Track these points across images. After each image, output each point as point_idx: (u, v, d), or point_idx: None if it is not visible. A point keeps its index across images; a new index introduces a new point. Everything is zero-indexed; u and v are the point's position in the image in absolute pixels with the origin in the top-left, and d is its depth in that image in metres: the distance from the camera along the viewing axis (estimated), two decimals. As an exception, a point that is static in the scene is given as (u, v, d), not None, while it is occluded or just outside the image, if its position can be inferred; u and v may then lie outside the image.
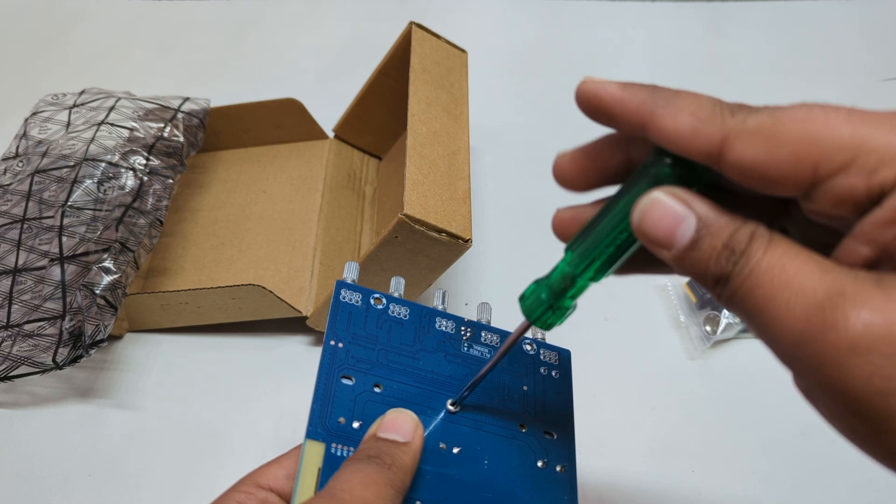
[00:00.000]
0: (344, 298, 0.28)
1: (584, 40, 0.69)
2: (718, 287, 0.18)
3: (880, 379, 0.15)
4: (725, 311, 0.46)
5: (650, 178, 0.19)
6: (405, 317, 0.28)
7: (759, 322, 0.17)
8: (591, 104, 0.20)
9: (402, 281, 0.29)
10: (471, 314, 0.31)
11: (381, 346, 0.27)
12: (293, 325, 0.46)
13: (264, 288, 0.42)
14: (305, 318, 0.45)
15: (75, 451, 0.42)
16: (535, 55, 0.68)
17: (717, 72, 0.65)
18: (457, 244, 0.38)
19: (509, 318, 0.33)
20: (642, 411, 0.43)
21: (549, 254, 0.51)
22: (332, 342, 0.26)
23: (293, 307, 0.44)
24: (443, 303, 0.30)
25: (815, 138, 0.17)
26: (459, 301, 0.49)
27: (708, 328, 0.46)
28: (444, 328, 0.29)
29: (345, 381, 0.26)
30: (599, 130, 0.21)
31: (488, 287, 0.50)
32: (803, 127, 0.17)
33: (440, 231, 0.37)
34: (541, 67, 0.67)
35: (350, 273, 0.29)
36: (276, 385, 0.45)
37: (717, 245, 0.18)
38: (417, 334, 0.28)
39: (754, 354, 0.45)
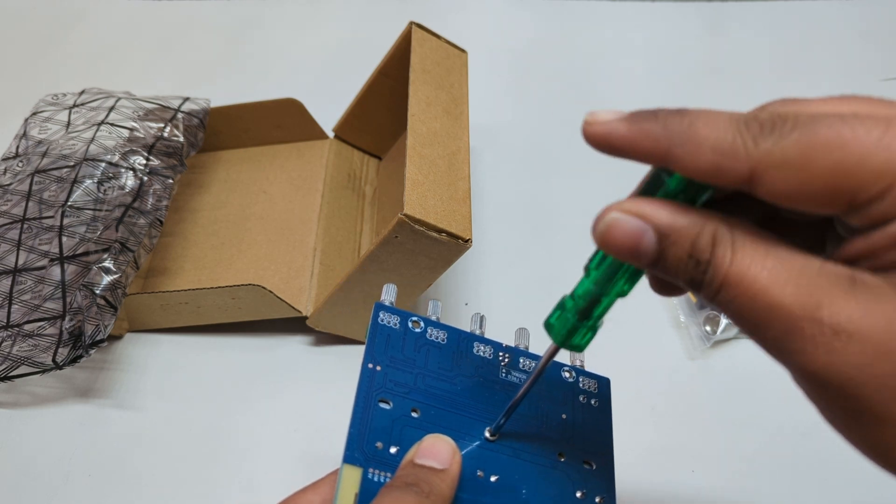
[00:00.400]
0: (382, 321, 0.27)
1: (584, 40, 0.69)
2: (695, 290, 0.19)
3: (859, 387, 0.16)
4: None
5: (661, 192, 0.19)
6: (443, 341, 0.28)
7: (741, 327, 0.18)
8: (602, 147, 0.20)
9: (440, 304, 0.29)
10: (470, 314, 0.31)
11: (419, 371, 0.27)
12: (293, 325, 0.46)
13: (264, 288, 0.42)
14: (305, 318, 0.45)
15: (75, 451, 0.42)
16: (535, 55, 0.68)
17: (717, 72, 0.65)
18: (457, 244, 0.38)
19: (509, 319, 0.33)
20: (642, 411, 0.43)
21: (549, 253, 0.51)
22: (371, 365, 0.26)
23: (293, 307, 0.44)
24: (480, 327, 0.29)
25: (849, 169, 0.16)
26: (459, 301, 0.49)
27: (708, 328, 0.46)
28: (482, 353, 0.28)
29: (382, 405, 0.26)
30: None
31: (488, 287, 0.50)
32: (835, 156, 0.16)
33: (440, 231, 0.37)
34: (541, 67, 0.67)
35: (388, 295, 0.28)
36: (275, 385, 0.45)
37: (682, 254, 0.18)
38: (455, 359, 0.28)
39: (754, 354, 0.45)
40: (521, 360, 0.29)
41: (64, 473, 0.41)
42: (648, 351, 0.46)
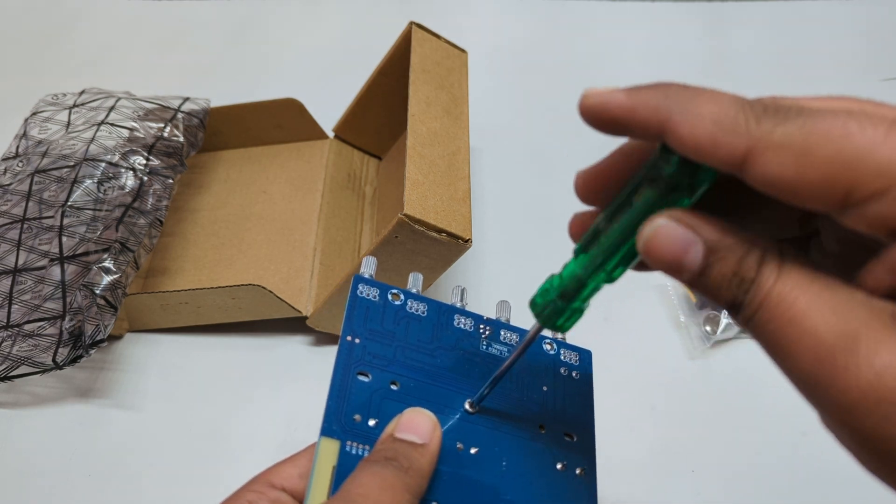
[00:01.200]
0: (361, 293, 0.27)
1: (584, 40, 0.69)
2: (732, 311, 0.18)
3: (892, 426, 0.15)
4: (725, 311, 0.46)
5: (658, 182, 0.19)
6: (423, 313, 0.28)
7: (773, 355, 0.17)
8: (600, 118, 0.19)
9: (420, 277, 0.29)
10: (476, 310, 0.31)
11: (399, 343, 0.27)
12: (293, 325, 0.46)
13: (264, 288, 0.42)
14: (305, 318, 0.45)
15: (75, 451, 0.42)
16: (536, 55, 0.68)
17: (717, 72, 0.65)
18: (457, 244, 0.38)
19: (511, 319, 0.33)
20: (642, 411, 0.43)
21: (549, 254, 0.51)
22: (349, 338, 0.26)
23: (293, 307, 0.44)
24: (461, 300, 0.29)
25: (850, 161, 0.15)
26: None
27: (708, 328, 0.46)
28: (462, 326, 0.28)
29: (361, 378, 0.25)
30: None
31: (488, 287, 0.50)
32: (837, 146, 0.15)
33: (440, 231, 0.37)
34: (541, 67, 0.67)
35: (368, 268, 0.28)
36: (275, 385, 0.45)
37: (727, 272, 0.17)
38: (435, 331, 0.27)
39: (754, 354, 0.45)
40: (503, 333, 0.29)
41: (64, 473, 0.41)
42: (648, 351, 0.46)
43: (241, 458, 0.42)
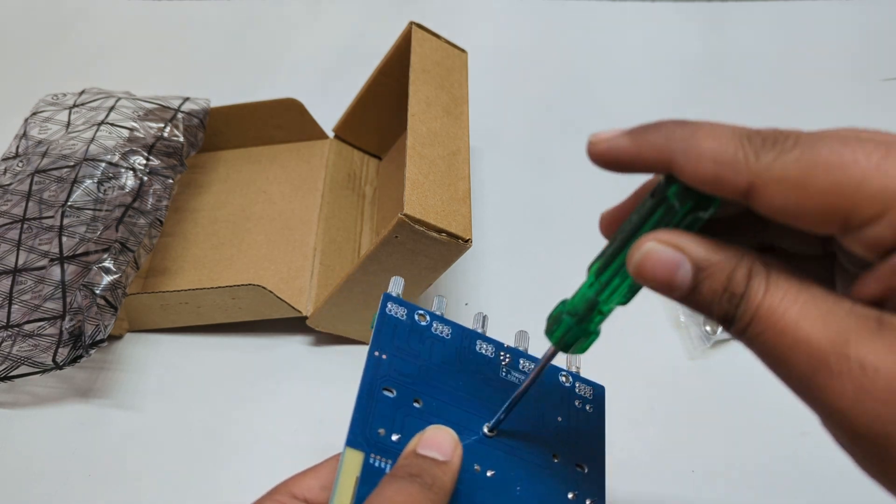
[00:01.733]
0: (390, 312, 0.28)
1: (584, 40, 0.69)
2: (725, 325, 0.19)
3: (882, 425, 0.16)
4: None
5: (663, 207, 0.20)
6: (447, 336, 0.29)
7: (768, 364, 0.18)
8: (609, 163, 0.20)
9: (444, 301, 0.30)
10: (471, 315, 0.31)
11: (423, 362, 0.27)
12: (293, 325, 0.46)
13: (264, 288, 0.42)
14: (305, 318, 0.45)
15: (75, 451, 0.42)
16: (536, 55, 0.68)
17: (716, 72, 0.65)
18: (457, 244, 0.38)
19: (509, 319, 0.33)
20: (642, 411, 0.43)
21: (549, 253, 0.51)
22: (377, 353, 0.27)
23: (293, 307, 0.44)
24: (482, 326, 0.30)
25: (845, 191, 0.16)
26: (459, 301, 0.49)
27: (708, 328, 0.46)
28: (484, 351, 0.29)
29: (386, 393, 0.26)
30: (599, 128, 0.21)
31: (488, 287, 0.50)
32: (833, 177, 0.16)
33: (440, 231, 0.37)
34: (541, 68, 0.67)
35: (396, 287, 0.29)
36: (276, 385, 0.45)
37: (717, 288, 0.19)
38: (458, 354, 0.28)
39: (754, 355, 0.45)
40: (521, 362, 0.30)
41: (64, 473, 0.41)
42: (648, 350, 0.46)
43: (241, 458, 0.42)
